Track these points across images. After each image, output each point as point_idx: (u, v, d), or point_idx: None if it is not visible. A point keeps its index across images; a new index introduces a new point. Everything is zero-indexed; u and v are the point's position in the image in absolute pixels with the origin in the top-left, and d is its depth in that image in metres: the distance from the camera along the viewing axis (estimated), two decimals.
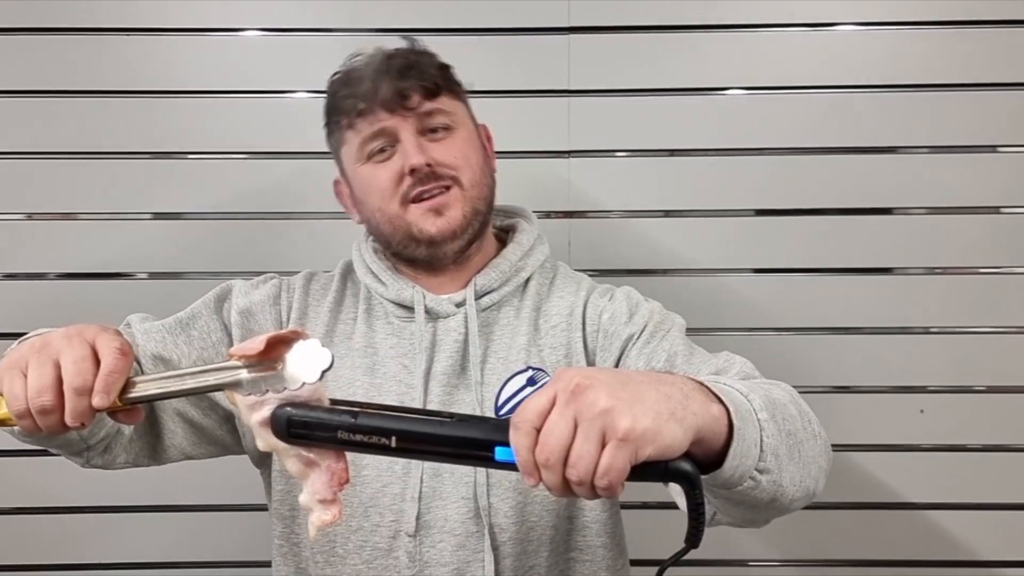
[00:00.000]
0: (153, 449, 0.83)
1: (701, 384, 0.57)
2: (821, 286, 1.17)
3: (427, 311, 0.84)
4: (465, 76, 1.11)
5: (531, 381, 0.83)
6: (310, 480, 0.59)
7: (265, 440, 0.58)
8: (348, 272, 0.92)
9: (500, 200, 0.89)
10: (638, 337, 0.83)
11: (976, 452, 1.16)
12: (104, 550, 1.19)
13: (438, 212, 0.82)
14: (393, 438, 0.55)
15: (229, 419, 0.85)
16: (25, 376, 0.61)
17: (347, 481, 0.59)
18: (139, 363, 0.80)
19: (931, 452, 1.17)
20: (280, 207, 1.17)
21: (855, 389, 1.17)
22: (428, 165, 0.81)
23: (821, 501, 1.15)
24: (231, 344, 0.84)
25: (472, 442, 0.54)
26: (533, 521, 0.81)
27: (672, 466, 0.53)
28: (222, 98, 1.16)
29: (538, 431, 0.51)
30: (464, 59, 0.88)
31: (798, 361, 1.16)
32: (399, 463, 0.81)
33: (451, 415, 0.57)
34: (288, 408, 0.57)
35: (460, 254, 0.85)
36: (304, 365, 0.57)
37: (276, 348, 0.57)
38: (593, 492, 0.51)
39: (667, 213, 1.17)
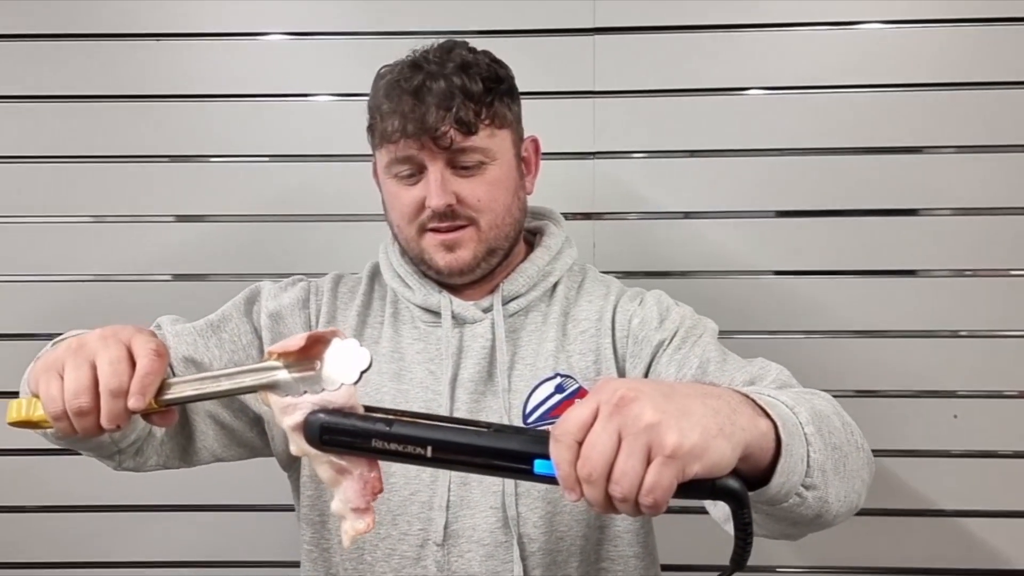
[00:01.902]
0: (184, 451, 0.83)
1: (747, 397, 0.55)
2: (845, 288, 1.15)
3: (454, 316, 0.84)
4: None
5: (559, 388, 0.82)
6: (342, 488, 0.58)
7: (298, 444, 0.57)
8: (375, 275, 0.91)
9: (528, 201, 0.89)
10: (669, 343, 0.81)
11: (1008, 458, 1.14)
12: (128, 548, 1.20)
13: (450, 248, 0.82)
14: (429, 448, 0.54)
15: (259, 422, 0.85)
16: (62, 378, 0.60)
17: (380, 491, 0.58)
18: (171, 366, 0.80)
19: (962, 458, 1.15)
20: (303, 209, 1.17)
21: (882, 393, 1.15)
22: (449, 205, 0.80)
23: None
24: (261, 348, 0.84)
25: (510, 454, 0.52)
26: (563, 531, 0.80)
27: (720, 484, 0.50)
28: (246, 102, 1.17)
29: (580, 444, 0.49)
30: None
31: (822, 365, 1.15)
32: (427, 471, 0.80)
33: (488, 425, 0.55)
34: (321, 415, 0.55)
35: (474, 281, 0.85)
36: (342, 365, 0.56)
37: (314, 347, 0.57)
38: (637, 509, 0.49)
39: (690, 214, 1.16)
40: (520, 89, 0.86)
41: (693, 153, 1.16)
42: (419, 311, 0.85)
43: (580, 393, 0.81)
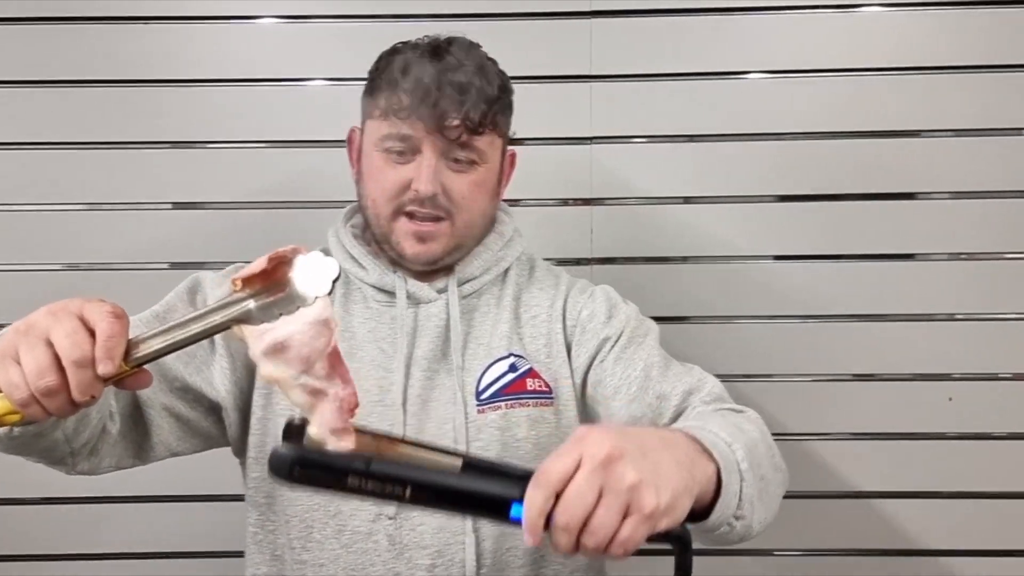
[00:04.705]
0: (139, 448, 0.81)
1: (696, 441, 0.62)
2: (844, 272, 1.15)
3: (409, 296, 0.85)
4: None
5: (512, 368, 0.84)
6: (318, 412, 0.56)
7: (268, 371, 0.55)
8: None
9: (523, 186, 0.89)
10: (615, 342, 0.85)
11: (1003, 440, 1.15)
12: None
13: (422, 239, 0.83)
14: (408, 489, 0.54)
15: (215, 410, 0.84)
16: (19, 363, 0.57)
17: (356, 406, 0.56)
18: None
19: (957, 440, 1.15)
20: (299, 196, 1.16)
21: (879, 377, 1.16)
22: (435, 194, 0.81)
23: (847, 490, 1.16)
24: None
25: (489, 501, 0.54)
26: None
27: (672, 531, 0.56)
28: (240, 87, 1.16)
29: (558, 494, 0.52)
30: (485, 44, 0.87)
31: (821, 348, 1.16)
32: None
33: (463, 455, 0.57)
34: (290, 450, 0.54)
35: (434, 270, 0.86)
36: (311, 279, 0.54)
37: (279, 270, 0.55)
38: (602, 555, 0.53)
39: (689, 199, 1.16)
40: (516, 73, 0.86)
41: (691, 138, 1.15)
42: (372, 291, 0.86)
43: (531, 373, 0.84)
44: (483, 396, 0.83)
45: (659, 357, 0.84)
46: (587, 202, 1.16)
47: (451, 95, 0.80)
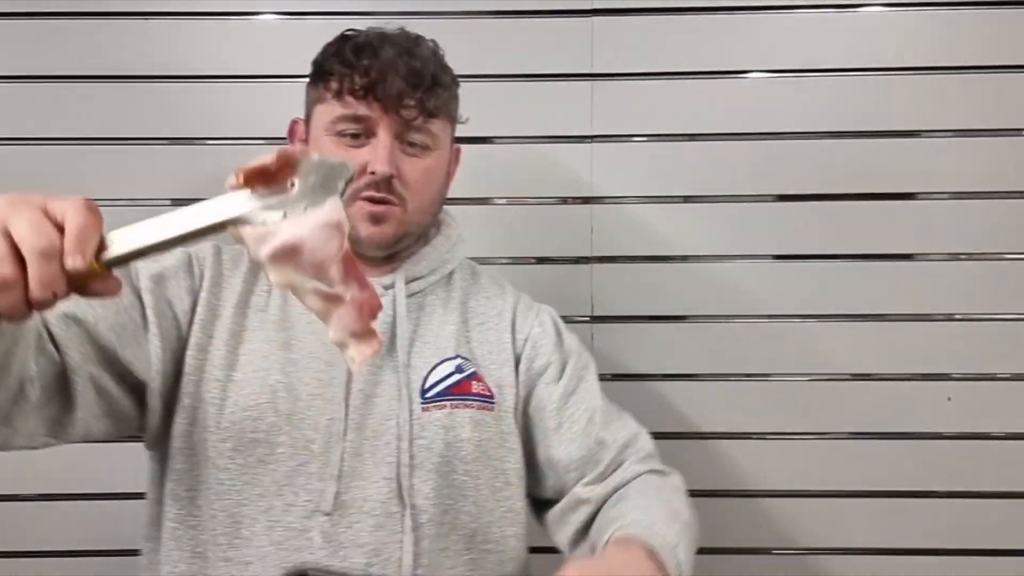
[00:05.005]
0: (57, 423, 0.73)
1: (652, 552, 0.71)
2: (843, 272, 1.15)
3: None
4: (486, 59, 1.11)
5: (459, 369, 0.84)
6: (336, 316, 0.52)
7: (280, 274, 0.51)
8: None
9: (523, 185, 0.89)
10: (562, 372, 0.88)
11: (1002, 440, 1.15)
12: None
13: (376, 221, 0.83)
14: None
15: (138, 390, 0.79)
16: None
17: (380, 307, 0.53)
18: (48, 329, 0.71)
19: (956, 440, 1.16)
20: None
21: (876, 377, 1.16)
22: (391, 176, 0.81)
23: (844, 489, 1.16)
24: (143, 311, 0.78)
25: None
26: (451, 504, 0.81)
27: None
28: (241, 83, 1.15)
29: None
30: (486, 42, 0.87)
31: (820, 348, 1.16)
32: (317, 441, 0.78)
33: None
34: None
35: (375, 258, 0.86)
36: (321, 179, 0.50)
37: (285, 169, 0.50)
38: None
39: (689, 198, 1.16)
40: (517, 71, 0.86)
41: (692, 137, 1.15)
42: None
43: (476, 376, 0.85)
44: (428, 394, 0.82)
45: (600, 401, 0.88)
46: (587, 200, 1.16)
47: (407, 76, 0.80)
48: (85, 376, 0.73)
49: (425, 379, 0.83)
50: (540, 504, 0.90)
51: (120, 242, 0.50)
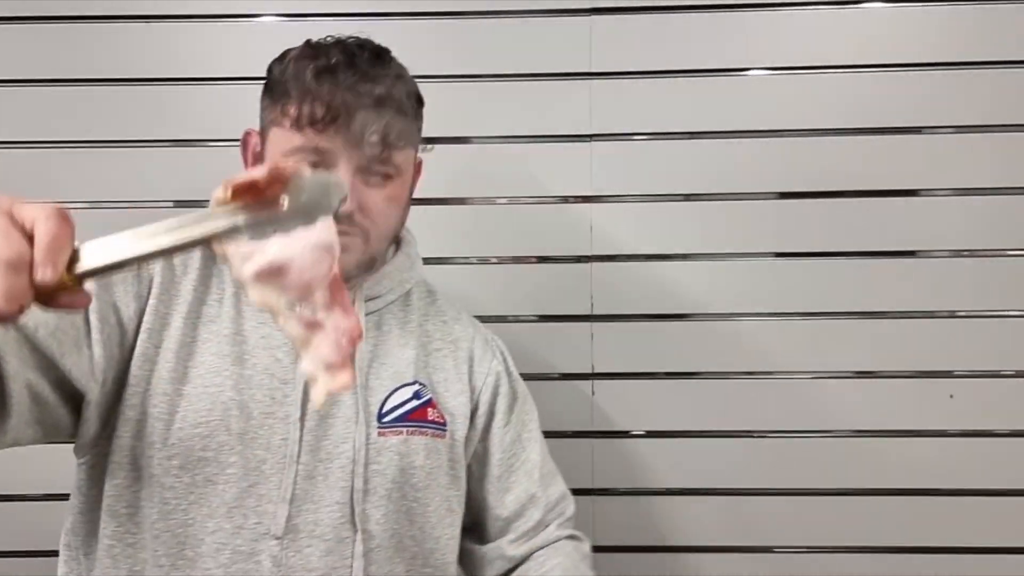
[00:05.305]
0: None
1: None
2: (845, 269, 1.15)
3: None
4: (485, 58, 1.11)
5: (416, 395, 0.83)
6: (313, 345, 0.50)
7: (262, 294, 0.49)
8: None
9: (522, 184, 0.88)
10: (507, 421, 0.89)
11: (1004, 438, 1.15)
12: None
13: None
14: None
15: (74, 399, 0.74)
16: None
17: (360, 337, 0.51)
18: None
19: (959, 438, 1.15)
20: None
21: (879, 374, 1.15)
22: (352, 213, 0.77)
23: (847, 487, 1.16)
24: (86, 316, 0.74)
25: None
26: (397, 528, 0.81)
27: None
28: (241, 85, 1.16)
29: None
30: (484, 41, 0.87)
31: (822, 345, 1.15)
32: (269, 462, 0.76)
33: None
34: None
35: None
36: (314, 197, 0.47)
37: (276, 184, 0.48)
38: None
39: (689, 196, 1.16)
40: (516, 70, 0.85)
41: (692, 135, 1.15)
42: None
43: (431, 403, 0.84)
44: (386, 419, 0.81)
45: (539, 455, 0.90)
46: (587, 199, 1.16)
47: (371, 108, 0.76)
48: (22, 383, 0.69)
49: (383, 403, 0.81)
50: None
51: (93, 254, 0.47)
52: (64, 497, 0.82)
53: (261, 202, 0.48)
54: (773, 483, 1.16)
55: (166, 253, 0.47)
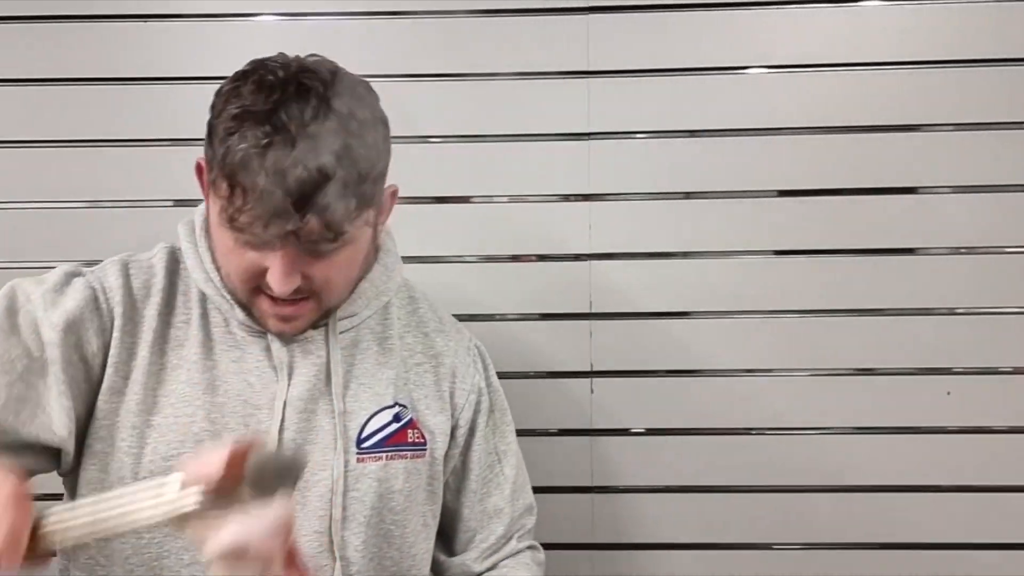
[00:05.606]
0: None
1: None
2: (844, 267, 1.15)
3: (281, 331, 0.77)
4: (483, 58, 1.11)
5: (396, 418, 0.81)
6: None
7: (223, 569, 0.51)
8: (175, 267, 0.81)
9: (521, 183, 0.88)
10: (486, 436, 0.89)
11: (1003, 434, 1.15)
12: None
13: (286, 320, 0.76)
14: None
15: (53, 452, 0.74)
16: None
17: None
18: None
19: (957, 434, 1.15)
20: None
21: (878, 371, 1.16)
22: (294, 290, 0.72)
23: (844, 484, 1.16)
24: (44, 368, 0.72)
25: None
26: (375, 551, 0.80)
27: None
28: None
29: None
30: (481, 40, 0.87)
31: (821, 343, 1.15)
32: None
33: None
34: None
35: None
36: (273, 475, 0.50)
37: (236, 467, 0.50)
38: None
39: (689, 194, 1.16)
40: (513, 69, 0.85)
41: (691, 133, 1.15)
42: (237, 322, 0.78)
43: (411, 424, 0.82)
44: (364, 444, 0.79)
45: (514, 468, 0.90)
46: (585, 198, 1.16)
47: (302, 196, 0.66)
48: None
49: (362, 428, 0.79)
50: None
51: (56, 524, 0.49)
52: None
53: (223, 485, 0.51)
54: (772, 480, 1.16)
55: (129, 529, 0.50)
